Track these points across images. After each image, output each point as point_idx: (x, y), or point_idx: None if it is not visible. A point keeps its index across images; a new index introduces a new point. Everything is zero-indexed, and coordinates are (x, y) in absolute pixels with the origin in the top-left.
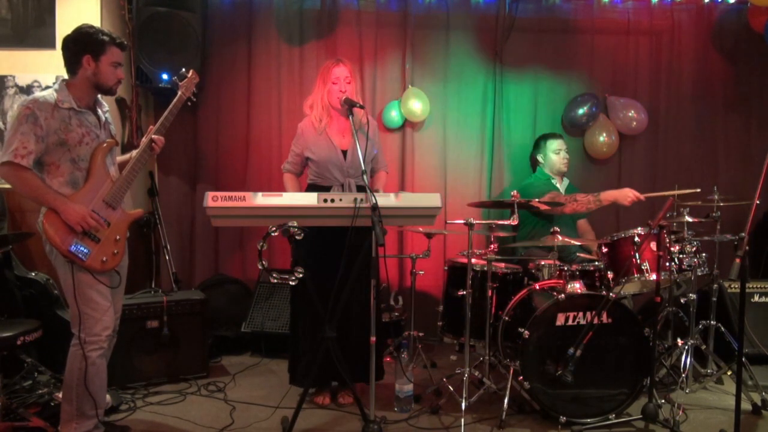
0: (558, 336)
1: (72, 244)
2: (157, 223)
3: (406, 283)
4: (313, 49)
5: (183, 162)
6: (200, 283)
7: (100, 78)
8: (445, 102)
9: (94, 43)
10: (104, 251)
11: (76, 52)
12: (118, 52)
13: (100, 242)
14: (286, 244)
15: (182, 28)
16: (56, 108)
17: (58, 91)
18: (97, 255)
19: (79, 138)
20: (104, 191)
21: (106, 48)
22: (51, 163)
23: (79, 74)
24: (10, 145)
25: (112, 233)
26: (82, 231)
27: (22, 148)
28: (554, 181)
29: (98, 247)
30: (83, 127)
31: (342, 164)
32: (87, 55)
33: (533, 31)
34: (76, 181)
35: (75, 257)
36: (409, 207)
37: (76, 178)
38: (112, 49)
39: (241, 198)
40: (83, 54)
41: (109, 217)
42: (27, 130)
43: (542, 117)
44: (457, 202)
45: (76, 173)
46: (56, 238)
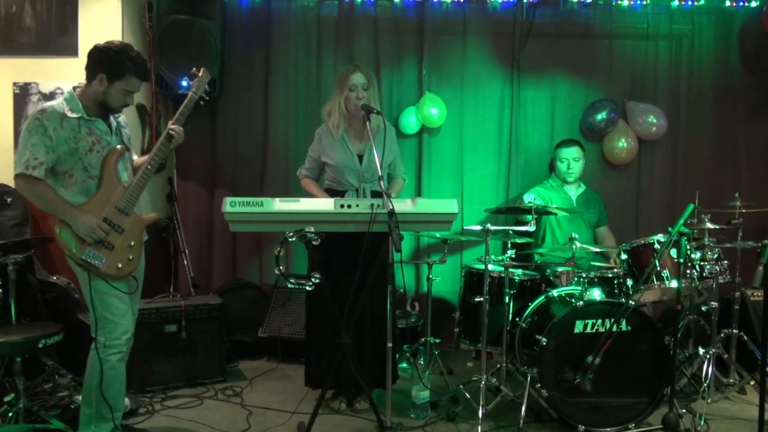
0: (576, 343)
1: (85, 253)
2: (176, 228)
3: (423, 288)
4: (330, 55)
5: (201, 168)
6: (218, 287)
7: (107, 99)
8: (462, 108)
9: (115, 67)
10: (119, 258)
11: (96, 67)
12: (137, 83)
13: (115, 249)
14: (303, 250)
15: (201, 35)
16: (65, 117)
17: (68, 101)
18: (111, 262)
19: (90, 146)
20: (116, 198)
21: (124, 76)
22: (64, 173)
23: (92, 86)
24: (21, 157)
25: (126, 239)
26: (98, 241)
27: (33, 159)
28: (566, 187)
29: (112, 254)
30: (93, 135)
31: (358, 169)
32: (102, 74)
33: (551, 36)
34: (88, 190)
35: (89, 265)
36: (426, 213)
37: (89, 186)
38: (130, 79)
39: (259, 203)
40: (100, 71)
41: (122, 223)
42: (37, 141)
43: (560, 122)
44: (474, 207)
45: (89, 181)
46: (70, 247)
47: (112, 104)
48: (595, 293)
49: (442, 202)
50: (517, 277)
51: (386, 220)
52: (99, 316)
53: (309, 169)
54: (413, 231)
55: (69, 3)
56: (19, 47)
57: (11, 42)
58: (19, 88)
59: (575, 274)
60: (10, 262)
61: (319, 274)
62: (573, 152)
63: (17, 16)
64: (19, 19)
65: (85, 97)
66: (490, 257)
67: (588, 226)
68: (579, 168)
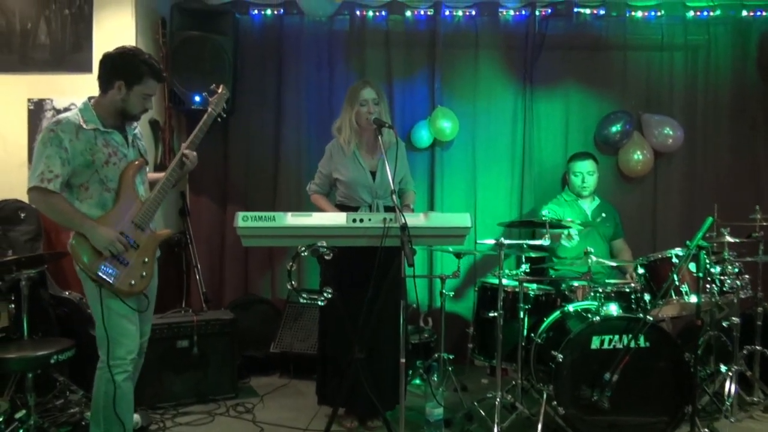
0: (593, 360)
1: (100, 268)
2: (188, 242)
3: (436, 304)
4: (342, 69)
5: (214, 183)
6: (230, 302)
7: (127, 106)
8: (474, 121)
9: (132, 71)
10: (132, 274)
11: (111, 75)
12: (154, 85)
13: (129, 265)
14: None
15: (214, 51)
16: (80, 129)
17: (83, 111)
18: (125, 278)
19: (106, 158)
20: (133, 212)
21: (142, 79)
22: (80, 185)
23: (108, 95)
24: (36, 169)
25: (141, 255)
26: (113, 256)
27: (48, 172)
28: (580, 201)
29: (126, 270)
30: (109, 147)
31: (371, 185)
32: (120, 81)
33: (564, 49)
34: (105, 203)
35: (103, 281)
36: (439, 227)
37: (105, 199)
38: (148, 82)
39: (271, 218)
40: (117, 78)
41: (137, 238)
42: (52, 153)
43: (574, 135)
44: (488, 221)
45: (105, 194)
46: (85, 261)
47: (132, 110)
48: (612, 308)
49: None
50: (532, 292)
51: (399, 235)
52: (103, 335)
53: (319, 185)
54: (426, 245)
55: (83, 20)
56: (34, 64)
57: (26, 59)
58: (33, 104)
59: (591, 288)
60: (23, 278)
61: (332, 289)
62: (587, 166)
63: (32, 33)
64: (34, 36)
65: (100, 108)
66: (504, 271)
67: (603, 239)
68: (593, 182)
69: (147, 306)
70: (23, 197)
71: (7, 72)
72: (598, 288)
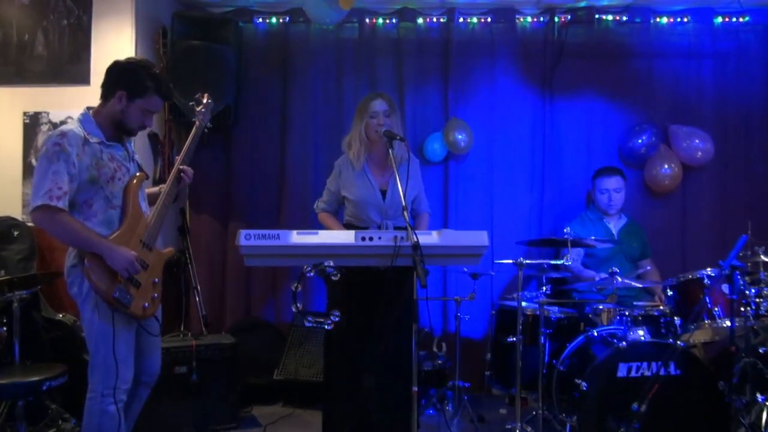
0: (620, 389)
1: (116, 290)
2: (187, 262)
3: (450, 328)
4: (351, 79)
5: (215, 199)
6: (231, 326)
7: (125, 118)
8: (490, 133)
9: (136, 83)
10: (145, 296)
11: (114, 84)
12: (158, 103)
13: (141, 287)
14: (321, 286)
15: (217, 61)
16: (86, 142)
17: (84, 123)
18: (139, 300)
19: (112, 173)
20: (140, 230)
21: (145, 93)
22: (83, 203)
23: (108, 104)
24: (41, 186)
25: (150, 276)
26: (126, 277)
27: (56, 189)
28: (606, 220)
29: (139, 293)
30: (114, 161)
31: (380, 205)
32: (122, 91)
33: (585, 56)
34: (110, 221)
35: (120, 304)
36: (453, 246)
37: (111, 217)
38: (152, 98)
39: (276, 236)
40: (119, 88)
41: (147, 258)
42: (60, 169)
43: (597, 148)
44: (505, 239)
45: (110, 212)
46: (100, 284)
47: (130, 125)
48: (640, 333)
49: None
50: (554, 316)
51: (410, 254)
52: (100, 362)
53: (327, 202)
54: (440, 265)
55: (81, 31)
56: (31, 76)
57: (23, 71)
58: (29, 117)
59: (617, 311)
60: (15, 299)
61: (339, 311)
62: (614, 182)
63: (29, 44)
64: (31, 47)
65: (100, 118)
66: (523, 293)
67: (630, 259)
68: (621, 199)
69: (159, 331)
70: (16, 214)
71: (3, 84)
72: (624, 311)
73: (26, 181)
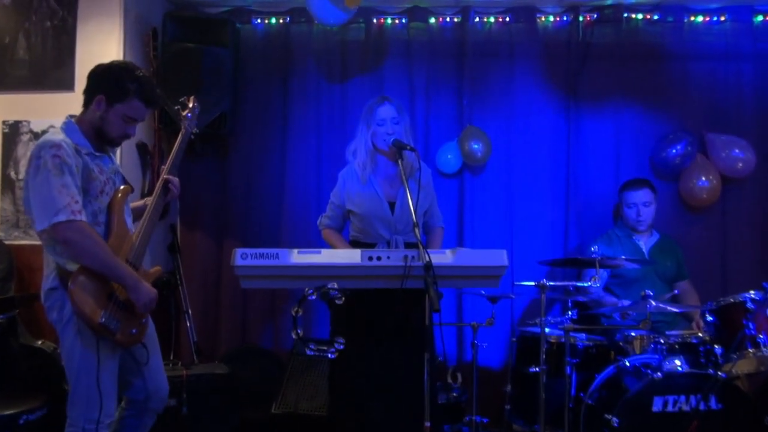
0: (655, 425)
1: (103, 316)
2: (177, 284)
3: (466, 356)
4: (356, 85)
5: (209, 215)
6: (225, 354)
7: (104, 125)
8: (510, 142)
9: (116, 87)
10: (132, 322)
11: (94, 88)
12: (140, 109)
13: (128, 312)
14: (325, 310)
15: (212, 65)
16: (78, 154)
17: (70, 133)
18: (126, 326)
19: (101, 187)
20: (126, 249)
21: (126, 98)
22: None
23: (88, 111)
24: (54, 202)
25: None
26: (113, 301)
27: (74, 204)
28: (635, 237)
29: (126, 318)
30: (103, 174)
31: (389, 219)
32: (101, 95)
33: (613, 58)
34: None
35: (106, 330)
36: (470, 266)
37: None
38: (132, 102)
39: (274, 256)
40: (98, 92)
41: None
42: (68, 182)
43: (627, 158)
44: (527, 259)
45: (95, 229)
46: (84, 308)
47: (110, 133)
48: (677, 363)
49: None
50: (581, 343)
51: (422, 275)
52: (82, 394)
53: (331, 218)
54: (454, 287)
55: (66, 33)
56: (11, 82)
57: (2, 76)
58: (8, 126)
59: (651, 339)
60: None
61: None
62: (643, 195)
63: (10, 48)
64: (12, 51)
65: (84, 126)
66: (547, 319)
67: (664, 280)
68: (651, 214)
69: (148, 357)
70: None
71: None
72: (659, 339)
73: (4, 196)
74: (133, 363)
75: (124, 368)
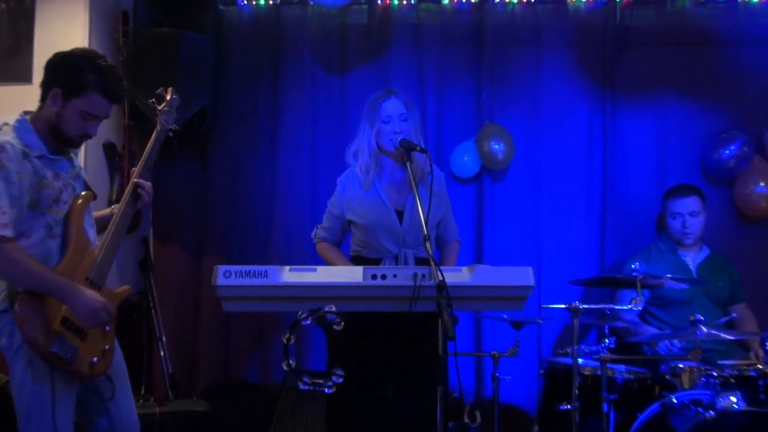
0: None
1: (55, 343)
2: (150, 306)
3: (486, 392)
4: (358, 76)
5: (186, 226)
6: (204, 388)
7: (61, 123)
8: (536, 142)
9: (72, 79)
10: (93, 349)
11: (49, 81)
12: (101, 104)
13: (88, 337)
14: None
15: (190, 53)
16: (26, 157)
17: (21, 133)
18: (85, 355)
19: (56, 195)
20: (86, 265)
21: (84, 92)
22: (19, 234)
23: (45, 107)
24: None
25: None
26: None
27: (1, 215)
28: (681, 252)
29: (85, 345)
30: (59, 180)
31: (396, 230)
32: (57, 89)
33: (655, 45)
34: (49, 254)
35: (60, 360)
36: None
37: (49, 248)
38: (92, 97)
39: (262, 273)
40: (54, 85)
41: None
42: (0, 191)
43: (672, 161)
44: (556, 278)
45: (50, 243)
46: (35, 335)
47: (68, 132)
48: (733, 400)
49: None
50: (620, 376)
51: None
52: None
53: (329, 229)
54: (472, 311)
55: (24, 18)
56: None
57: None
58: None
59: (702, 371)
60: None
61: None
62: (689, 204)
63: None
64: None
65: (40, 124)
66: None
67: (715, 303)
68: (699, 225)
69: (113, 392)
70: None
71: None
72: (711, 371)
73: None
74: (97, 398)
75: (85, 405)
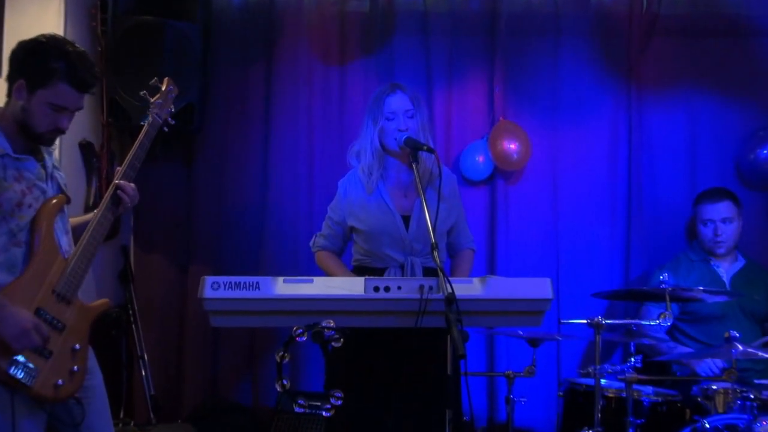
0: None
1: (11, 364)
2: (130, 321)
3: (500, 415)
4: (359, 68)
5: (171, 233)
6: (191, 412)
7: (28, 118)
8: (554, 141)
9: (37, 68)
10: (59, 370)
11: (13, 73)
12: (69, 94)
13: (52, 356)
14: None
15: (176, 43)
16: None
17: None
18: (48, 377)
19: (19, 198)
20: (53, 277)
21: (50, 81)
22: None
23: (11, 101)
24: None
25: (68, 341)
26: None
27: None
28: (714, 262)
29: (49, 365)
30: (23, 181)
31: (402, 236)
32: (21, 80)
33: (685, 35)
34: (13, 263)
35: (17, 383)
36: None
37: (14, 258)
38: (58, 87)
39: (254, 285)
40: (18, 77)
41: (61, 316)
42: None
43: (704, 161)
44: (577, 290)
45: (14, 250)
46: None
47: (36, 127)
48: None
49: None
50: (647, 399)
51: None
52: None
53: (328, 237)
54: (485, 326)
55: None
56: None
57: None
58: None
59: (738, 393)
60: None
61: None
62: (722, 210)
63: None
64: None
65: (5, 121)
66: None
67: (752, 319)
68: (733, 233)
69: (83, 416)
70: None
71: None
72: (748, 393)
73: None
74: (69, 424)
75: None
